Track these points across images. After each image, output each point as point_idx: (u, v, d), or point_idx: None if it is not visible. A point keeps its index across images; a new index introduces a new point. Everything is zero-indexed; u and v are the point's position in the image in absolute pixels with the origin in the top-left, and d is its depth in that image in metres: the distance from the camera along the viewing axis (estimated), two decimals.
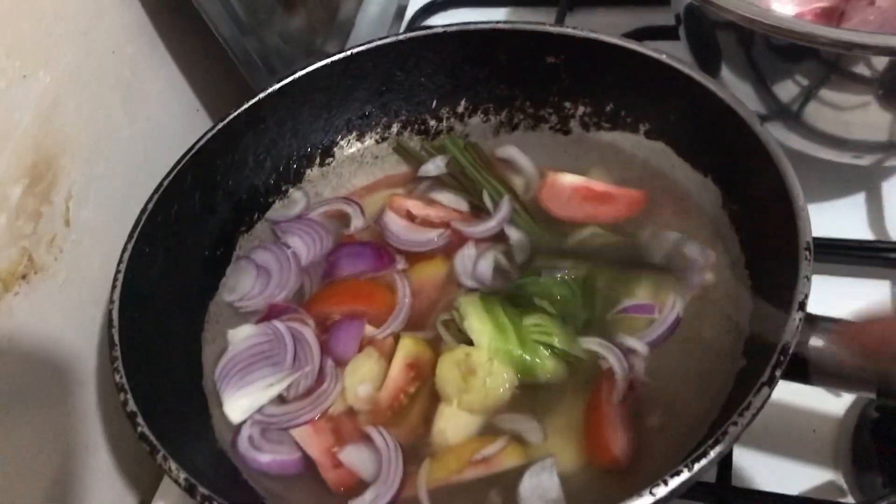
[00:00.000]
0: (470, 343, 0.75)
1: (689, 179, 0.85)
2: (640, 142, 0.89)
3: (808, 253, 0.64)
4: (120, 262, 0.77)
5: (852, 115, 0.83)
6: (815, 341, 0.63)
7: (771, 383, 0.59)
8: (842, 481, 0.78)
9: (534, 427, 0.71)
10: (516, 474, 0.68)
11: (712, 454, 0.56)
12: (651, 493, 0.55)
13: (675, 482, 0.55)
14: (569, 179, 0.88)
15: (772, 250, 0.71)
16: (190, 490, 0.61)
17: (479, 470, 0.69)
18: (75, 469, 0.86)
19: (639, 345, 0.74)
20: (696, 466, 0.56)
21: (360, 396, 0.76)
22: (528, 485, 0.67)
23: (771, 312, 0.66)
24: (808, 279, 0.63)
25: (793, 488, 0.77)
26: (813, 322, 0.63)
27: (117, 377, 0.68)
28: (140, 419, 0.66)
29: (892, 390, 0.62)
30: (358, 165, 0.97)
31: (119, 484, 0.92)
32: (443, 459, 0.71)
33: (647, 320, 0.76)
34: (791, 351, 0.60)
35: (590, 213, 0.86)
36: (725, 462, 0.77)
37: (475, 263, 0.83)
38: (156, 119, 1.03)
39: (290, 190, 0.95)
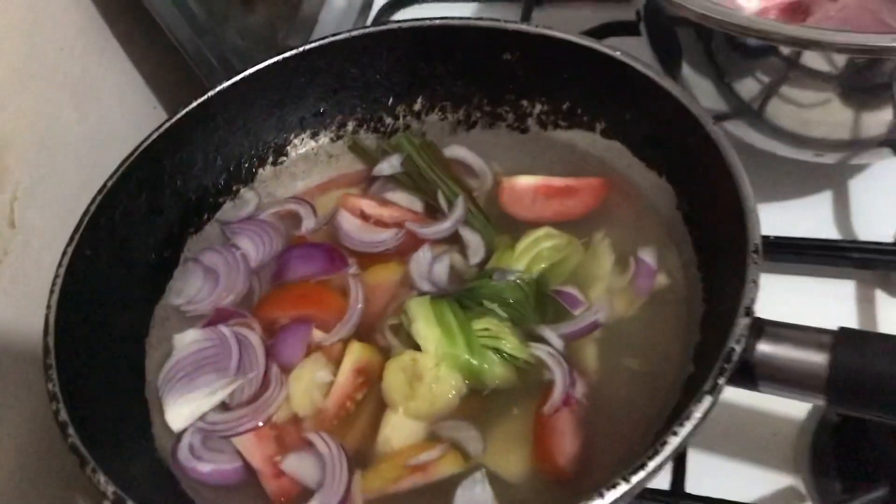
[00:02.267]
0: (419, 348, 0.73)
1: (645, 179, 0.83)
2: (597, 140, 0.87)
3: (755, 255, 0.62)
4: (59, 266, 0.75)
5: (812, 112, 0.82)
6: (763, 346, 0.61)
7: (713, 392, 0.57)
8: (801, 486, 0.77)
9: (474, 436, 0.69)
10: (454, 486, 0.66)
11: (651, 465, 0.54)
12: None
13: (612, 495, 0.53)
14: (525, 181, 0.86)
15: (723, 252, 0.69)
16: None
17: (416, 478, 0.67)
18: (26, 473, 0.85)
19: (553, 336, 0.73)
20: (634, 479, 0.54)
21: (309, 398, 0.74)
22: (461, 501, 0.65)
23: (721, 316, 0.65)
24: (756, 283, 0.61)
25: (751, 493, 0.76)
26: (761, 326, 0.62)
27: (50, 385, 0.66)
28: (71, 429, 0.63)
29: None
30: (312, 164, 0.95)
31: (72, 487, 0.91)
32: (378, 468, 0.69)
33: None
34: (736, 357, 0.58)
35: (558, 210, 0.84)
36: (679, 467, 0.76)
37: (431, 266, 0.81)
38: (109, 117, 1.01)
39: (242, 190, 0.93)
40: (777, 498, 0.77)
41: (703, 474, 0.77)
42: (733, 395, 0.79)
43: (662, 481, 0.75)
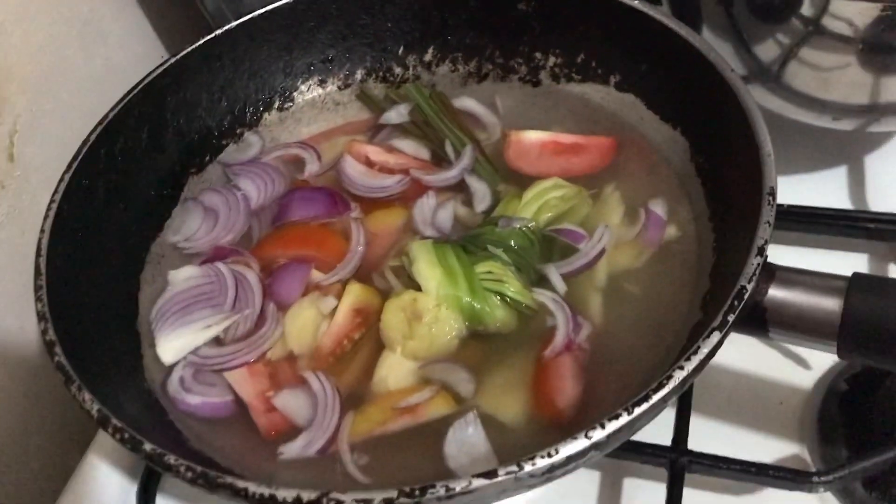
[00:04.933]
0: (420, 290, 0.71)
1: (658, 132, 0.81)
2: (610, 93, 0.86)
3: (770, 198, 0.61)
4: (55, 192, 0.73)
5: (832, 74, 0.80)
6: (774, 291, 0.59)
7: (722, 328, 0.55)
8: (806, 454, 0.75)
9: (465, 378, 0.67)
10: (447, 428, 0.64)
11: (654, 398, 0.52)
12: (587, 436, 0.51)
13: (612, 426, 0.52)
14: (534, 136, 0.85)
15: (737, 201, 0.68)
16: (102, 422, 0.57)
17: (406, 420, 0.66)
18: (12, 417, 0.83)
19: (555, 275, 0.72)
20: (637, 410, 0.52)
21: (306, 336, 0.72)
22: (452, 442, 0.63)
23: (732, 264, 0.63)
24: (770, 224, 0.60)
25: (754, 458, 0.74)
26: (773, 271, 0.60)
27: (39, 305, 0.65)
28: (58, 348, 0.62)
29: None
30: (318, 111, 0.93)
31: (61, 433, 0.89)
32: (365, 411, 0.67)
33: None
34: (746, 296, 0.56)
35: (563, 167, 0.82)
36: (682, 425, 0.73)
37: (434, 212, 0.80)
38: (115, 60, 1.00)
39: (246, 133, 0.91)
40: (781, 463, 0.74)
41: (706, 438, 0.74)
42: (740, 361, 0.79)
43: (664, 437, 0.73)
